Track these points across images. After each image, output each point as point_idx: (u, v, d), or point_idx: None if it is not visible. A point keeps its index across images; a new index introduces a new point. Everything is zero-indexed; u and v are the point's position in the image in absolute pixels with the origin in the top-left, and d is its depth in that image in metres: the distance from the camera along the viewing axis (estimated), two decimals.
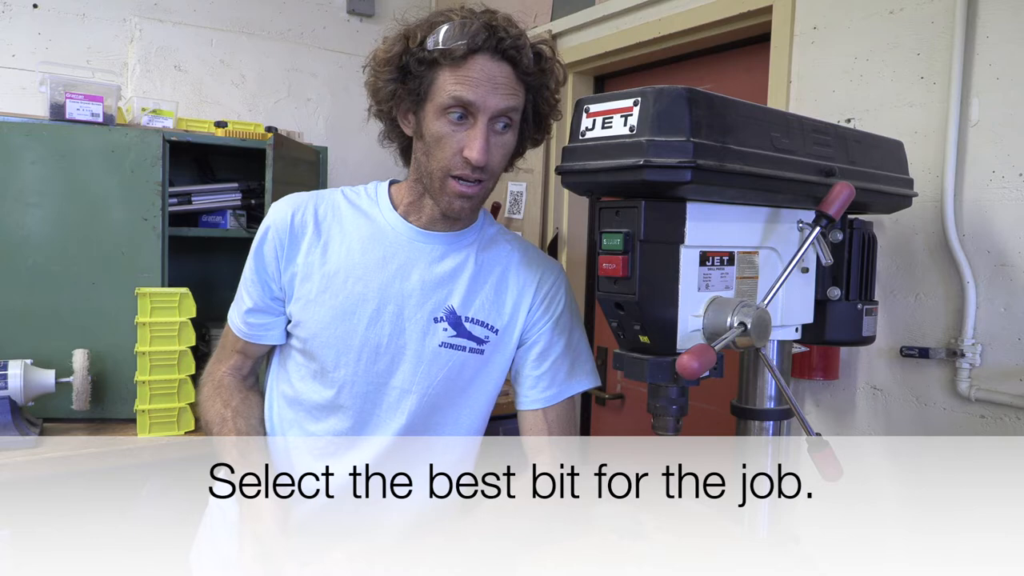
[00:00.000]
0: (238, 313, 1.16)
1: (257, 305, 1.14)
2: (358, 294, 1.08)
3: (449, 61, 1.00)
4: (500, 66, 1.01)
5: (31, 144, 1.87)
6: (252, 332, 1.16)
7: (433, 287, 1.11)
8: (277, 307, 1.13)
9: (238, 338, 1.17)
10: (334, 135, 2.91)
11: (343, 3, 2.94)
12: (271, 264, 1.11)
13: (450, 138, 1.01)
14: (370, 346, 1.09)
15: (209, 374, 1.20)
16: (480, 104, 0.99)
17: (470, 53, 0.99)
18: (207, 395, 1.17)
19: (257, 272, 1.13)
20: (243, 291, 1.15)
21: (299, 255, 1.10)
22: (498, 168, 1.06)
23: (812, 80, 1.69)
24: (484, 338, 1.13)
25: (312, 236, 1.11)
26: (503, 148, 1.05)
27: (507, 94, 1.01)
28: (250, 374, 1.21)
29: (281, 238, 1.11)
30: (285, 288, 1.12)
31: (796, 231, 1.12)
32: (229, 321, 1.19)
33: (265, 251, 1.12)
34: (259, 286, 1.13)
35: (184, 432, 1.85)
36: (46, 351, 1.85)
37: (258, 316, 1.14)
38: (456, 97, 0.99)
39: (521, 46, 1.01)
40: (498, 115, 1.01)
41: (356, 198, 1.16)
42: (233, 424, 1.10)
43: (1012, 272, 1.35)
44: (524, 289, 1.16)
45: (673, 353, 0.97)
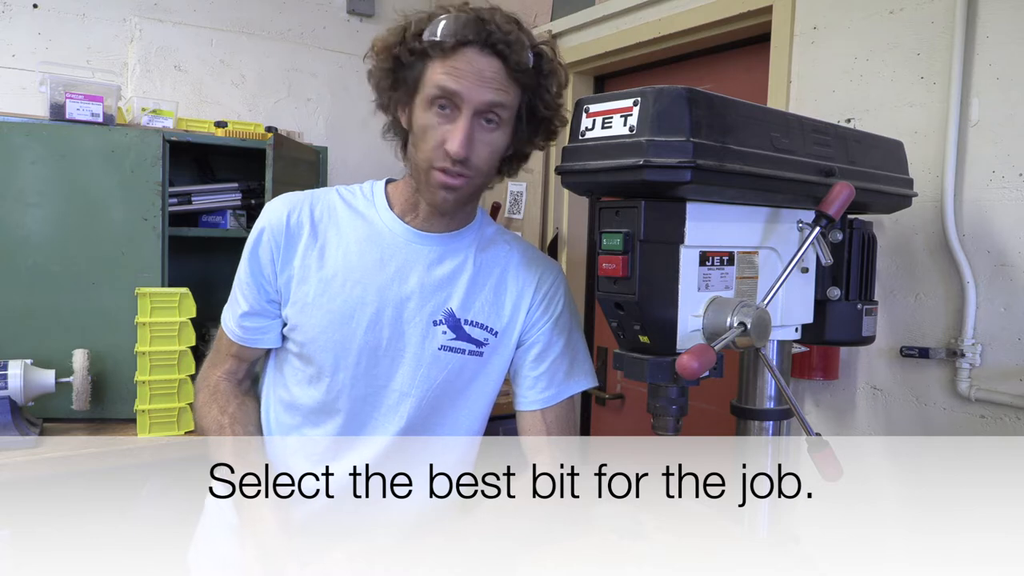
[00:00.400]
0: (232, 316, 1.14)
1: (252, 308, 1.12)
2: (356, 297, 1.07)
3: (438, 52, 0.99)
4: (489, 60, 0.99)
5: (31, 144, 1.87)
6: (247, 336, 1.14)
7: (432, 290, 1.10)
8: (273, 310, 1.12)
9: (232, 342, 1.15)
10: (334, 135, 2.91)
11: (343, 3, 2.94)
12: (267, 266, 1.10)
13: (435, 130, 1.00)
14: (369, 349, 1.08)
15: (204, 379, 1.18)
16: (464, 95, 0.98)
17: (459, 45, 0.98)
18: (203, 401, 1.15)
19: (252, 274, 1.11)
20: (238, 293, 1.13)
21: (295, 257, 1.09)
22: (483, 165, 1.03)
23: (812, 80, 1.69)
24: (483, 340, 1.12)
25: (308, 238, 1.09)
26: (489, 145, 1.03)
27: (494, 89, 0.99)
28: (245, 378, 1.20)
29: (277, 240, 1.09)
30: (281, 291, 1.10)
31: (796, 231, 1.12)
32: (223, 324, 1.17)
33: (260, 253, 1.10)
34: (254, 289, 1.11)
35: (184, 432, 1.85)
36: (46, 351, 1.85)
37: (253, 320, 1.13)
38: (441, 87, 0.98)
39: (512, 42, 0.99)
40: (484, 109, 1.00)
41: (352, 198, 1.14)
42: (231, 431, 1.09)
43: (1012, 272, 1.35)
44: (523, 290, 1.15)
45: (673, 353, 0.97)
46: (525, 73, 1.01)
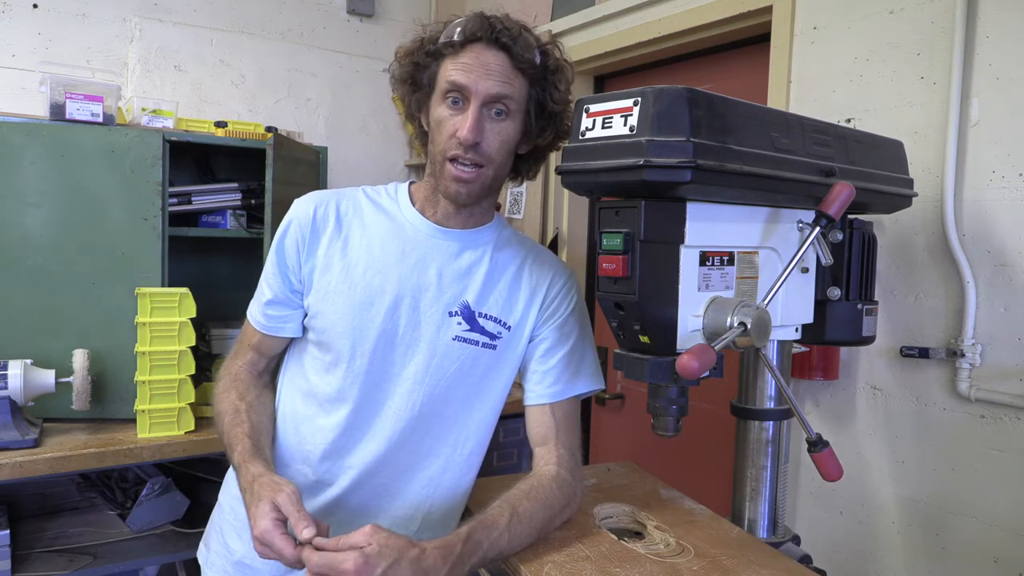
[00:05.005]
0: (258, 306, 1.19)
1: (277, 297, 1.16)
2: (376, 286, 1.11)
3: (449, 51, 1.07)
4: (495, 54, 1.05)
5: (31, 144, 1.87)
6: (270, 324, 1.18)
7: (450, 282, 1.14)
8: (296, 299, 1.16)
9: (255, 331, 1.20)
10: (334, 135, 2.92)
11: (343, 3, 2.94)
12: (292, 257, 1.15)
13: (447, 122, 1.07)
14: (386, 337, 1.12)
15: (226, 368, 1.23)
16: (472, 87, 1.04)
17: (467, 42, 1.06)
18: (223, 387, 1.19)
19: (278, 264, 1.16)
20: (263, 284, 1.19)
21: (320, 248, 1.14)
22: (495, 154, 1.08)
23: (812, 80, 1.69)
24: (497, 333, 1.15)
25: (333, 230, 1.14)
26: (500, 135, 1.08)
27: (500, 80, 1.05)
28: (265, 371, 1.24)
29: (303, 231, 1.14)
30: (304, 280, 1.15)
31: (796, 231, 1.12)
32: (248, 315, 1.22)
33: (287, 244, 1.15)
34: (279, 278, 1.16)
35: (184, 432, 1.85)
36: (46, 351, 1.85)
37: (277, 308, 1.17)
38: (451, 81, 1.05)
39: (516, 36, 1.06)
40: (491, 100, 1.05)
41: (377, 196, 1.20)
42: (247, 415, 1.12)
43: (1012, 272, 1.35)
44: (536, 288, 1.18)
45: (673, 353, 0.97)
46: (530, 66, 1.07)
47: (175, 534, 2.00)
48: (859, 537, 1.59)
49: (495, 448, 2.31)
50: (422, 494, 1.15)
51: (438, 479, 1.16)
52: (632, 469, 1.44)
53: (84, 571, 1.78)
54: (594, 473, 1.39)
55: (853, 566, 1.60)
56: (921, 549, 1.48)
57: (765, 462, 1.23)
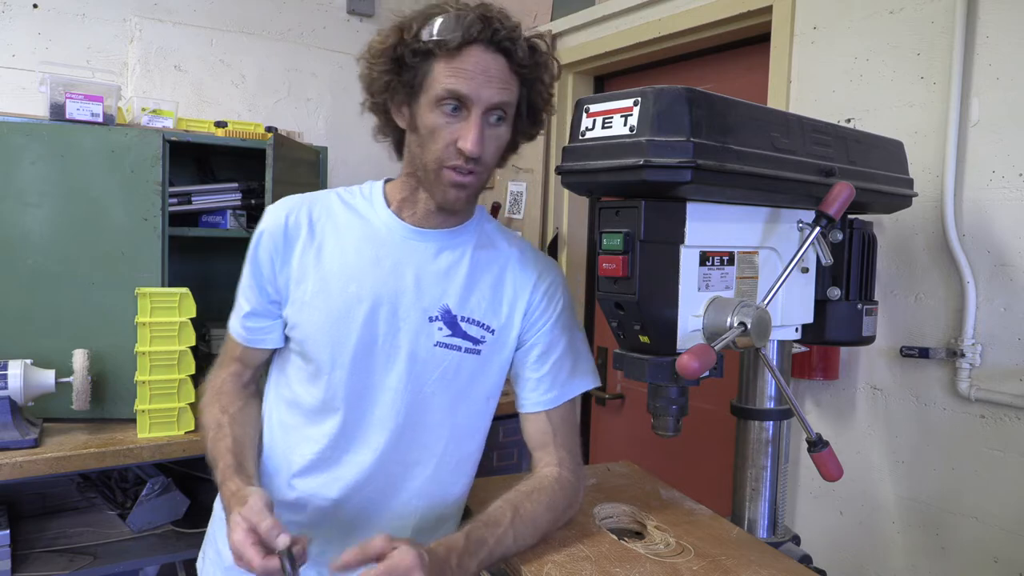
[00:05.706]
0: (237, 319, 1.16)
1: (255, 309, 1.13)
2: (352, 295, 1.08)
3: (444, 52, 0.99)
4: (495, 58, 1.00)
5: (31, 144, 1.87)
6: (251, 336, 1.15)
7: (428, 285, 1.10)
8: (274, 310, 1.13)
9: (237, 344, 1.17)
10: (334, 135, 2.92)
11: (343, 3, 2.94)
12: (266, 267, 1.11)
13: (444, 129, 1.01)
14: (364, 346, 1.08)
15: (210, 380, 1.20)
16: (474, 97, 0.99)
17: (465, 44, 0.98)
18: (207, 401, 1.17)
19: (253, 276, 1.13)
20: (240, 297, 1.16)
21: (293, 257, 1.10)
22: (492, 160, 1.06)
23: (812, 80, 1.69)
24: (480, 338, 1.12)
25: (306, 238, 1.10)
26: (497, 141, 1.05)
27: (501, 87, 1.00)
28: (250, 381, 1.21)
29: (276, 241, 1.10)
30: (281, 291, 1.12)
31: (796, 231, 1.12)
32: (229, 328, 1.19)
33: (260, 255, 1.11)
34: (256, 290, 1.13)
35: (184, 432, 1.85)
36: (46, 351, 1.84)
37: (256, 320, 1.14)
38: (450, 90, 0.99)
39: (516, 38, 1.00)
40: (492, 108, 1.01)
41: (350, 198, 1.15)
42: (229, 430, 1.10)
43: (1012, 272, 1.35)
44: (521, 289, 1.15)
45: (673, 353, 0.97)
46: (526, 68, 1.03)
47: (175, 534, 2.00)
48: (859, 537, 1.59)
49: (495, 448, 2.32)
50: (411, 504, 1.13)
51: (426, 489, 1.13)
52: (632, 469, 1.44)
53: (84, 571, 1.78)
54: (594, 473, 1.39)
55: (853, 566, 1.60)
56: (921, 549, 1.48)
57: (765, 462, 1.23)
